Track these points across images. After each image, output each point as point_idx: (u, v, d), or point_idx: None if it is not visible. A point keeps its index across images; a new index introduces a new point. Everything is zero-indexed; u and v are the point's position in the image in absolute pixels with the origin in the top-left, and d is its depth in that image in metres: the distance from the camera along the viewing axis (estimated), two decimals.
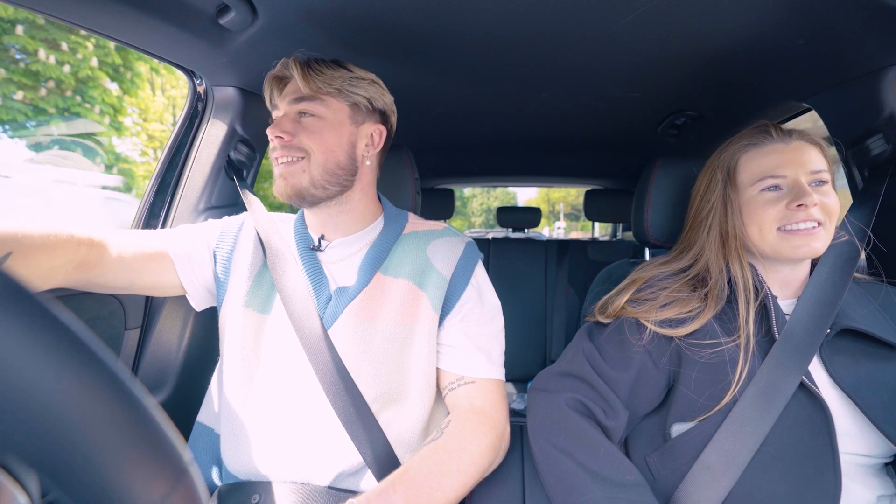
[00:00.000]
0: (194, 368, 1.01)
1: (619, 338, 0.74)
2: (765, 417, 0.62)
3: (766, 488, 0.61)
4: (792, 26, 0.78)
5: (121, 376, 0.20)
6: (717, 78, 1.02)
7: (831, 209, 0.70)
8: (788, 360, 0.65)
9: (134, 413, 0.20)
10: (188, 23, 0.79)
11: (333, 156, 0.77)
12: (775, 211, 0.71)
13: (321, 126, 0.76)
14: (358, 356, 0.72)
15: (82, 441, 0.18)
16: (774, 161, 0.73)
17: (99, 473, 0.18)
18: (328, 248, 0.82)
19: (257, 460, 0.69)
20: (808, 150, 0.72)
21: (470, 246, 0.84)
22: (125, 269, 0.73)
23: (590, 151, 1.81)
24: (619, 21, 0.78)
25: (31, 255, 0.60)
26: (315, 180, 0.75)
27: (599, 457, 0.64)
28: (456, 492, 0.61)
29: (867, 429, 0.62)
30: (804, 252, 0.70)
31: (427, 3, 0.75)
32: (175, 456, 0.21)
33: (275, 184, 0.77)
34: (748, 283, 0.72)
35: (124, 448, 0.19)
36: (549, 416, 0.70)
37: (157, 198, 1.04)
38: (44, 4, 0.71)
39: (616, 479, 0.62)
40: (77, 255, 0.67)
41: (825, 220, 0.70)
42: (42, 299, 0.18)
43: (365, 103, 0.80)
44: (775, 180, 0.72)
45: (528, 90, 1.14)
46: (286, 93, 0.78)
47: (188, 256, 0.79)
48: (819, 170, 0.71)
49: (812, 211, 0.69)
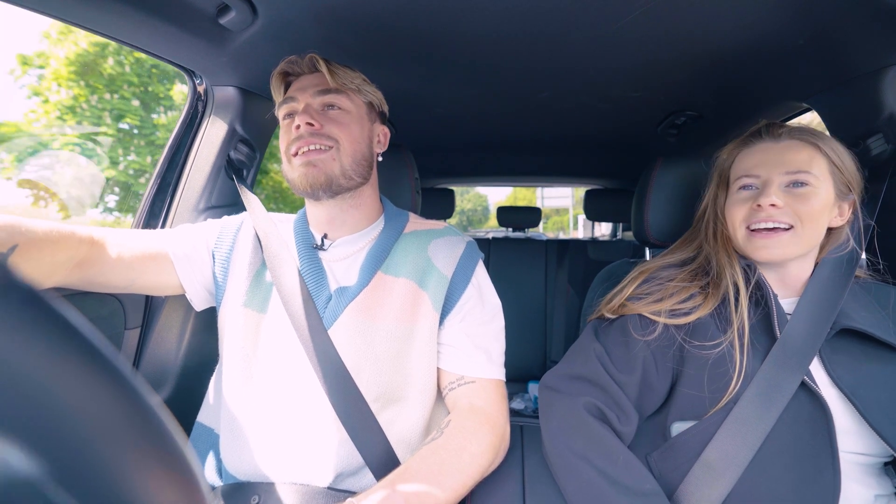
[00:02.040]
0: (194, 368, 1.01)
1: (623, 339, 0.74)
2: (766, 416, 0.62)
3: (765, 486, 0.61)
4: (792, 26, 0.78)
5: (141, 391, 0.20)
6: (716, 78, 1.02)
7: (804, 213, 0.68)
8: (789, 360, 0.65)
9: (151, 427, 0.20)
10: (188, 22, 0.79)
11: (360, 147, 0.79)
12: (744, 210, 0.72)
13: (348, 118, 0.78)
14: (358, 356, 0.72)
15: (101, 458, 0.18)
16: (755, 160, 0.73)
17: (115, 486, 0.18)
18: (331, 247, 0.82)
19: (257, 461, 0.69)
20: (797, 150, 0.70)
21: (471, 245, 0.84)
22: (125, 269, 0.73)
23: (590, 151, 1.81)
24: (619, 21, 0.78)
25: (35, 250, 0.60)
26: (345, 169, 0.76)
27: (619, 464, 0.63)
28: (456, 491, 0.61)
29: (866, 429, 0.62)
30: (763, 255, 0.70)
31: (428, 4, 0.75)
32: (189, 471, 0.21)
33: (298, 172, 0.75)
34: (737, 279, 0.71)
35: (143, 463, 0.19)
36: (566, 420, 0.69)
37: (157, 197, 1.04)
38: (45, 4, 0.71)
39: (636, 488, 0.61)
40: (78, 252, 0.67)
41: (796, 223, 0.68)
42: (62, 310, 0.18)
43: (376, 103, 0.84)
44: (749, 179, 0.73)
45: (528, 90, 1.14)
46: (307, 86, 0.78)
47: (187, 257, 0.79)
48: (799, 170, 0.69)
49: (771, 212, 0.68)
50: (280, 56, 0.79)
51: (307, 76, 0.80)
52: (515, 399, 1.78)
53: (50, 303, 0.18)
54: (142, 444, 0.19)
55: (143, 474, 0.19)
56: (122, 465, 0.19)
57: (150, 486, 0.19)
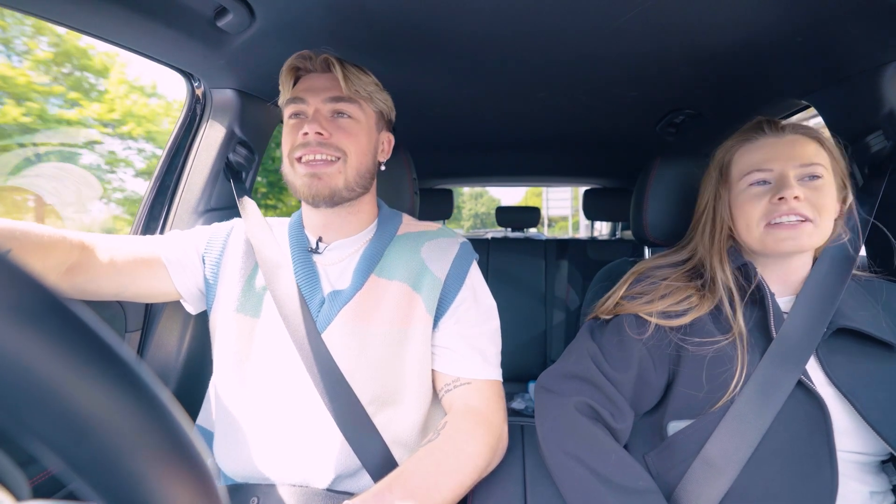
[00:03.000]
0: (194, 371, 1.01)
1: (618, 338, 0.74)
2: (764, 414, 0.62)
3: (763, 484, 0.61)
4: (791, 23, 0.78)
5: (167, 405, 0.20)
6: (715, 76, 1.02)
7: (821, 205, 0.68)
8: (786, 358, 0.65)
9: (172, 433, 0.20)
10: (186, 26, 0.79)
11: (365, 159, 0.78)
12: (761, 205, 0.70)
13: (357, 129, 0.77)
14: (353, 359, 0.72)
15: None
16: (764, 155, 0.72)
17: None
18: (326, 251, 0.81)
19: (254, 464, 0.69)
20: (803, 144, 0.70)
21: (464, 246, 0.84)
22: (116, 274, 0.72)
23: (588, 150, 1.81)
24: (616, 19, 0.78)
25: (27, 254, 0.59)
26: (349, 182, 0.75)
27: (611, 463, 0.63)
28: (453, 492, 0.61)
29: (864, 428, 0.62)
30: (788, 246, 0.68)
31: (424, 4, 0.75)
32: (206, 473, 0.21)
33: (301, 180, 0.74)
34: (730, 284, 0.72)
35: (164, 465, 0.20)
36: (558, 421, 0.70)
37: (156, 200, 1.05)
38: (41, 8, 0.72)
39: (629, 486, 0.61)
40: (69, 257, 0.66)
41: (815, 216, 0.67)
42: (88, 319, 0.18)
43: (385, 111, 0.83)
44: (762, 174, 0.71)
45: (526, 89, 1.14)
46: (318, 88, 0.76)
47: (180, 262, 0.79)
48: (811, 163, 0.69)
49: (794, 205, 0.67)
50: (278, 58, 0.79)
51: (318, 76, 0.77)
52: (515, 399, 1.78)
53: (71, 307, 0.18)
54: (160, 443, 0.20)
55: (162, 475, 0.19)
56: (141, 466, 0.19)
57: (167, 487, 0.19)
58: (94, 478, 0.18)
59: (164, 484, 0.19)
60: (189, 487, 0.20)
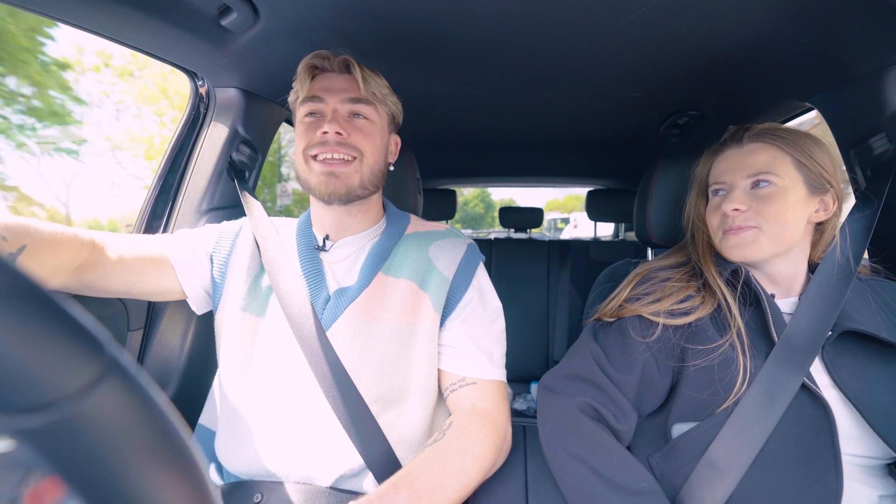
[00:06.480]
0: (197, 369, 1.01)
1: (622, 341, 0.74)
2: (769, 415, 0.62)
3: (767, 487, 0.61)
4: (794, 25, 0.78)
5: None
6: (719, 78, 1.02)
7: (768, 212, 0.69)
8: (790, 361, 0.64)
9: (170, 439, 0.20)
10: (190, 24, 0.79)
11: (379, 159, 0.80)
12: (718, 216, 0.75)
13: (373, 130, 0.79)
14: (359, 356, 0.72)
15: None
16: (724, 166, 0.76)
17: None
18: (332, 248, 0.82)
19: (257, 461, 0.69)
20: (757, 153, 0.72)
21: (472, 247, 0.84)
22: (125, 273, 0.73)
23: (592, 151, 1.81)
24: (620, 21, 0.78)
25: (41, 251, 0.60)
26: (364, 181, 0.77)
27: (613, 463, 0.63)
28: (458, 493, 0.61)
29: (869, 432, 0.62)
30: (735, 254, 0.73)
31: (429, 6, 0.75)
32: (200, 475, 0.21)
33: (318, 178, 0.74)
34: (721, 286, 0.73)
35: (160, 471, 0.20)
36: (561, 421, 0.70)
37: (159, 199, 1.05)
38: (45, 6, 0.72)
39: (631, 487, 0.61)
40: (80, 255, 0.67)
41: (760, 223, 0.69)
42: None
43: (396, 114, 0.85)
44: (719, 185, 0.77)
45: (531, 91, 1.14)
46: (336, 89, 0.77)
47: (187, 261, 0.80)
48: (759, 171, 0.70)
49: (733, 215, 0.71)
50: (282, 57, 0.79)
51: (336, 76, 0.78)
52: (518, 400, 1.78)
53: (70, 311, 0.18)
54: (155, 447, 0.20)
55: (156, 476, 0.19)
56: (134, 469, 0.19)
57: (161, 487, 0.19)
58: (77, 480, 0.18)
59: (155, 483, 0.19)
60: (179, 484, 0.20)
